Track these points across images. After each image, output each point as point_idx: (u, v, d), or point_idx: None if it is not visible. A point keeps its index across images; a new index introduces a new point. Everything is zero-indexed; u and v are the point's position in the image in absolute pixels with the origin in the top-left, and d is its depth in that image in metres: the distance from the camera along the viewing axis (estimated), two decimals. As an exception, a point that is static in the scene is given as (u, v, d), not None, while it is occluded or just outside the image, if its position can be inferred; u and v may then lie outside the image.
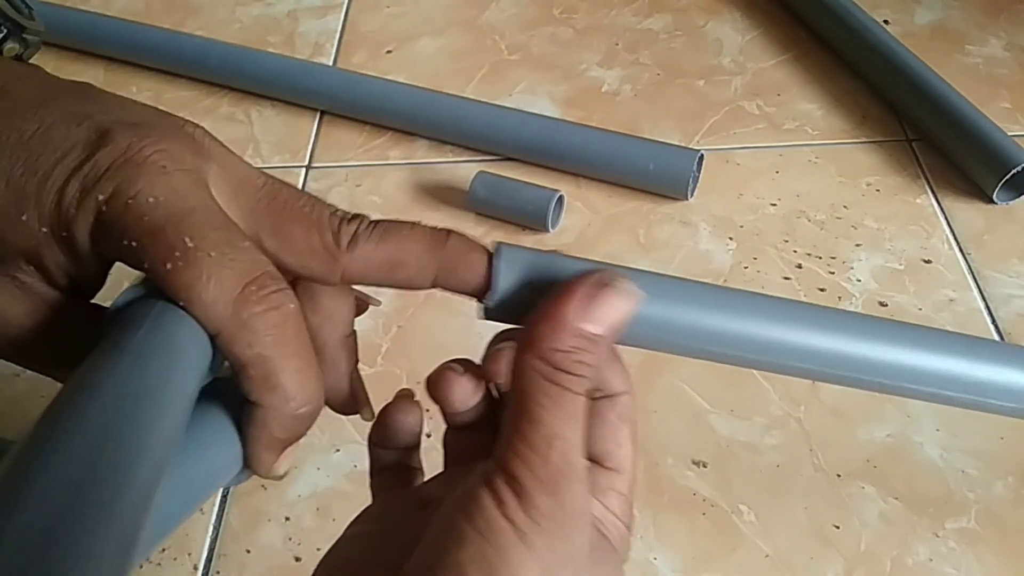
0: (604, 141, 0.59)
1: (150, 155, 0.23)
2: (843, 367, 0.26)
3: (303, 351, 0.24)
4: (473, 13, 0.76)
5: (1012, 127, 0.60)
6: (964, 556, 0.41)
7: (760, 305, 0.26)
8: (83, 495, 0.18)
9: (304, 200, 0.25)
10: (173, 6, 0.79)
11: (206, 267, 0.22)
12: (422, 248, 0.25)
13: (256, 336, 0.22)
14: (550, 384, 0.21)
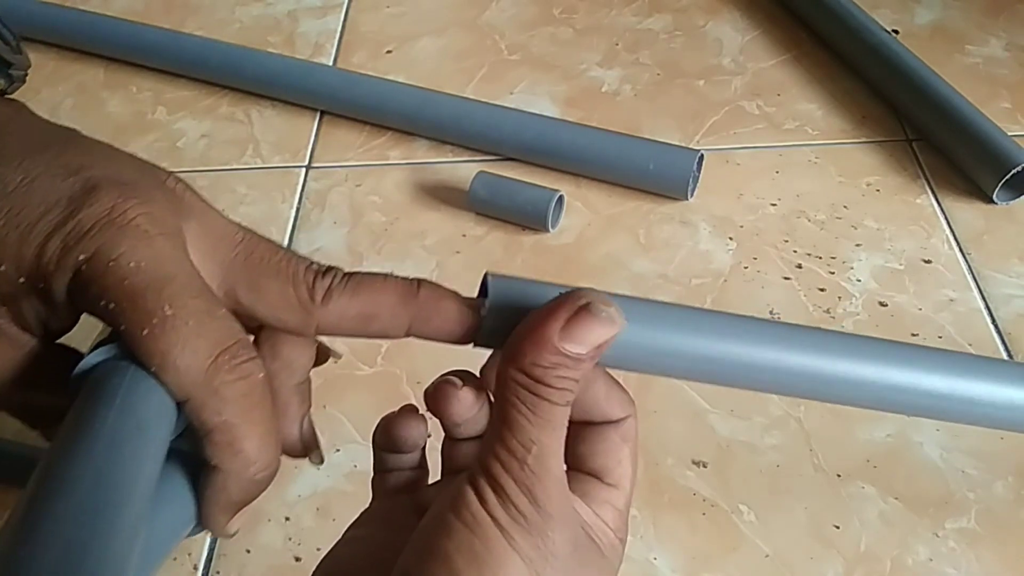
0: (604, 141, 0.59)
1: (134, 218, 0.23)
2: (825, 386, 0.27)
3: (267, 418, 0.24)
4: (473, 13, 0.76)
5: (1012, 127, 0.60)
6: (964, 556, 0.41)
7: (742, 327, 0.26)
8: (74, 561, 0.19)
9: (280, 255, 0.26)
10: (173, 6, 0.79)
11: (182, 335, 0.22)
12: (394, 300, 0.25)
13: (225, 404, 0.23)
14: (529, 395, 0.22)
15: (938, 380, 0.28)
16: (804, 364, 0.27)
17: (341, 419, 0.48)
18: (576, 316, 0.23)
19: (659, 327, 0.26)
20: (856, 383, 0.27)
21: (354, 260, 0.56)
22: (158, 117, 0.68)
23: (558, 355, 0.22)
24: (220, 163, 0.64)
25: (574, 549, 0.23)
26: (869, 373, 0.27)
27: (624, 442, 0.26)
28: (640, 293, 0.53)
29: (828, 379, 0.27)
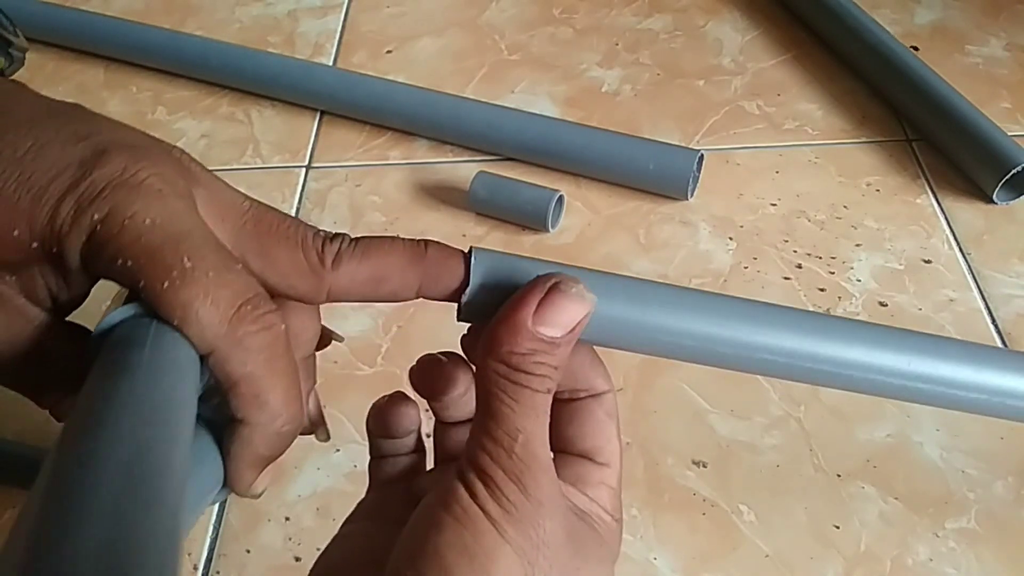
0: (604, 141, 0.59)
1: (146, 178, 0.23)
2: (803, 362, 0.27)
3: (290, 370, 0.24)
4: (473, 13, 0.76)
5: (1012, 127, 0.60)
6: (964, 556, 0.41)
7: (718, 303, 0.27)
8: (130, 502, 0.18)
9: (288, 222, 0.26)
10: (173, 6, 0.79)
11: (203, 287, 0.22)
12: (404, 260, 0.26)
13: (249, 355, 0.23)
14: (510, 383, 0.23)
15: (912, 361, 0.29)
16: (779, 342, 0.27)
17: (341, 419, 0.48)
18: (547, 299, 0.23)
19: (632, 302, 0.26)
20: (829, 361, 0.27)
21: (354, 260, 0.56)
22: (158, 117, 0.68)
23: (534, 340, 0.23)
24: (220, 163, 0.64)
25: (568, 537, 0.23)
26: (843, 352, 0.27)
27: (610, 418, 0.27)
28: (640, 293, 0.53)
29: (802, 357, 0.27)
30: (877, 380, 0.28)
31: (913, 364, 0.28)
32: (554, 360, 0.23)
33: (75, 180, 0.23)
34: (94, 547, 0.17)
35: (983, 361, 0.30)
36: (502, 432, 0.22)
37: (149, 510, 0.18)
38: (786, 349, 0.27)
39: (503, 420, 0.23)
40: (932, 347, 0.30)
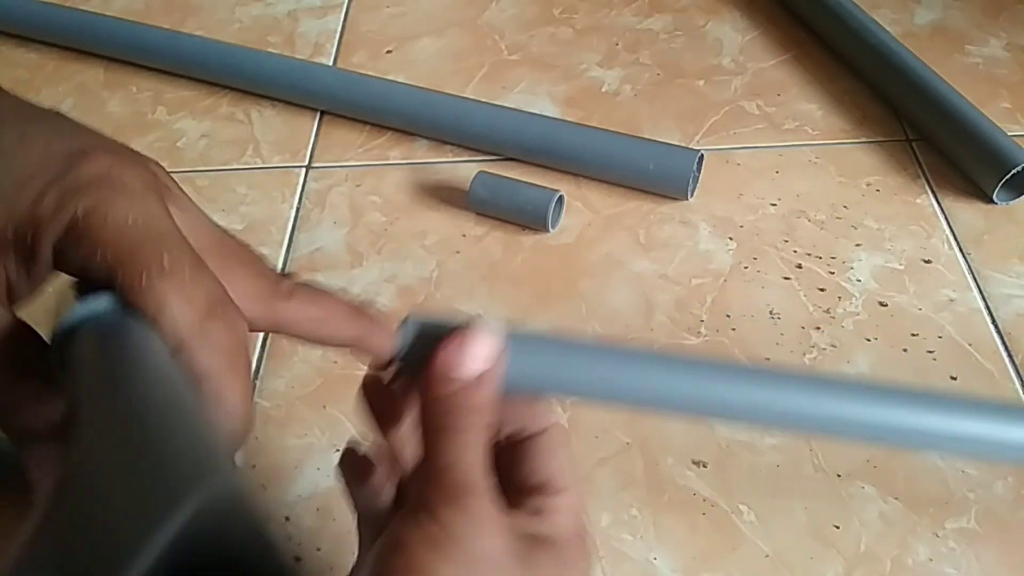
0: (604, 141, 0.59)
1: (129, 180, 0.24)
2: (709, 409, 0.31)
3: (248, 372, 0.25)
4: (473, 13, 0.76)
5: (1012, 127, 0.60)
6: (964, 556, 0.41)
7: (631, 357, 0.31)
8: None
9: (249, 250, 0.27)
10: (173, 6, 0.79)
11: (180, 283, 0.23)
12: (347, 312, 0.28)
13: (215, 352, 0.23)
14: (443, 422, 0.26)
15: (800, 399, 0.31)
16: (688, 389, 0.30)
17: (341, 419, 0.48)
18: (459, 344, 0.27)
19: (550, 356, 0.30)
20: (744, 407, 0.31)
21: (354, 260, 0.56)
22: (158, 117, 0.68)
23: (454, 382, 0.27)
24: (220, 163, 0.64)
25: (515, 556, 0.25)
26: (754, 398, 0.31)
27: (556, 450, 0.29)
28: (640, 293, 0.53)
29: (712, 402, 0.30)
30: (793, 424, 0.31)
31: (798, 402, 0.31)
32: (475, 398, 0.27)
33: (60, 173, 0.23)
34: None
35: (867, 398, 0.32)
36: (438, 467, 0.25)
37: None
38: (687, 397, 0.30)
39: (438, 456, 0.26)
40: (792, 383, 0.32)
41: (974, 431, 0.32)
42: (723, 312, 0.52)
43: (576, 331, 0.50)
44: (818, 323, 0.50)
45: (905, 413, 0.31)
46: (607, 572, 0.42)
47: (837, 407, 0.31)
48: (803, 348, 0.49)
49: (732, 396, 0.30)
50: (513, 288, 0.54)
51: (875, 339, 0.50)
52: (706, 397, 0.30)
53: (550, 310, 0.53)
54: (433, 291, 0.54)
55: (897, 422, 0.31)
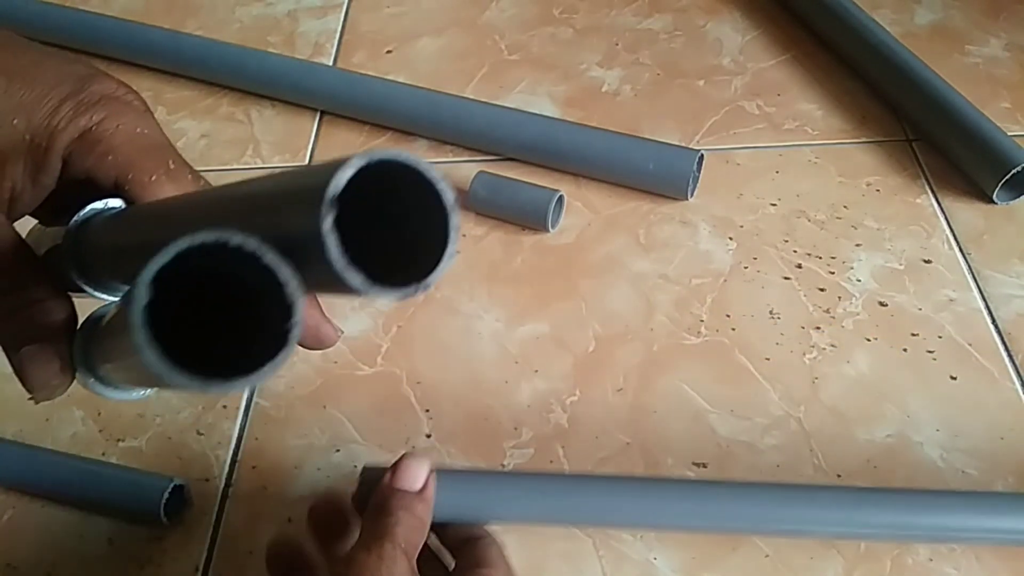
0: (604, 141, 0.59)
1: (133, 99, 0.28)
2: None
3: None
4: (473, 13, 0.76)
5: (1012, 127, 0.60)
6: (964, 556, 0.41)
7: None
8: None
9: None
10: (173, 6, 0.79)
11: (184, 183, 0.27)
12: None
13: None
14: (379, 528, 0.32)
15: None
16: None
17: (341, 419, 0.48)
18: (398, 464, 0.34)
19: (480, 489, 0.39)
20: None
21: (354, 260, 0.56)
22: (158, 117, 0.68)
23: (391, 491, 0.33)
24: (220, 163, 0.64)
25: None
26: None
27: (491, 545, 0.36)
28: (640, 293, 0.53)
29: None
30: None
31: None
32: (412, 510, 0.33)
33: (75, 89, 0.26)
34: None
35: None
36: (371, 556, 0.31)
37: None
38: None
39: (371, 548, 0.31)
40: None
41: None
42: (723, 312, 0.52)
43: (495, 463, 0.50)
44: (818, 323, 0.50)
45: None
46: (607, 572, 0.42)
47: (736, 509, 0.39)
48: (803, 348, 0.49)
49: (627, 511, 0.39)
50: (513, 288, 0.54)
51: (875, 339, 0.50)
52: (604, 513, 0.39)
53: (550, 310, 0.53)
54: (433, 291, 0.54)
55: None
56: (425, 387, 0.49)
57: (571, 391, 0.49)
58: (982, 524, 0.38)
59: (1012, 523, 0.38)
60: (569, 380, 0.49)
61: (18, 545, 0.44)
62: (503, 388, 0.49)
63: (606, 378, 0.49)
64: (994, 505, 0.39)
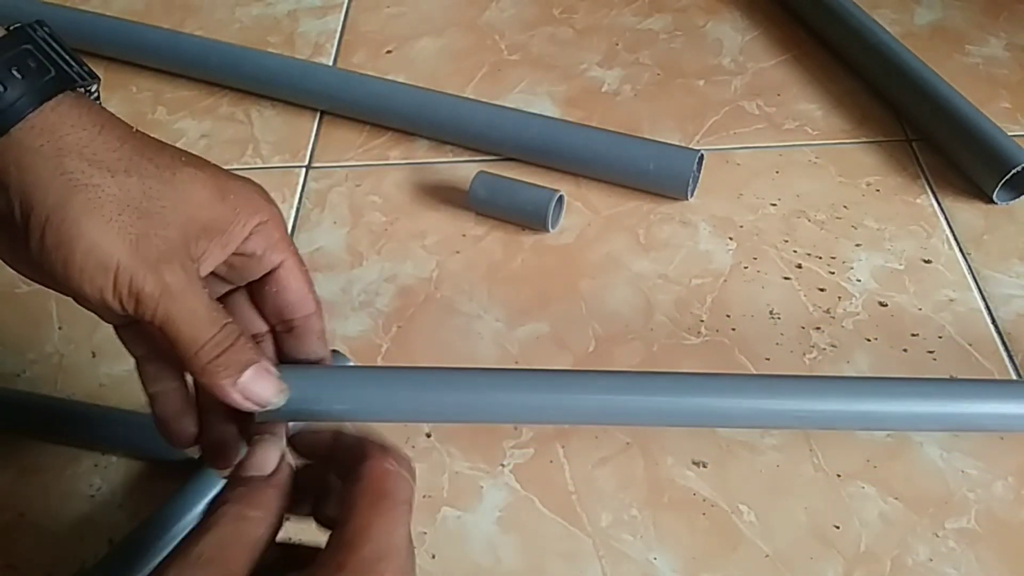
0: (604, 141, 0.59)
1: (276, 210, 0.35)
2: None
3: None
4: (473, 13, 0.76)
5: (1012, 127, 0.60)
6: (964, 556, 0.41)
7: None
8: None
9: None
10: (173, 6, 0.79)
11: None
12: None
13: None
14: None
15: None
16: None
17: (341, 419, 0.48)
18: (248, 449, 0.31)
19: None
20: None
21: (354, 260, 0.56)
22: (158, 117, 0.68)
23: (235, 480, 0.29)
24: (220, 163, 0.63)
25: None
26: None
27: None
28: (640, 293, 0.53)
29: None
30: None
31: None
32: (251, 500, 0.29)
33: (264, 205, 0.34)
34: None
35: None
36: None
37: None
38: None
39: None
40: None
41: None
42: (723, 312, 0.52)
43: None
44: (818, 323, 0.50)
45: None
46: (607, 572, 0.42)
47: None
48: (803, 348, 0.49)
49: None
50: (513, 288, 0.54)
51: (875, 339, 0.50)
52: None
53: (550, 310, 0.53)
54: (433, 291, 0.54)
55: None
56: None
57: (571, 391, 0.49)
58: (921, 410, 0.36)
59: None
60: (569, 380, 0.49)
61: (18, 545, 0.44)
62: (503, 388, 0.49)
63: (606, 378, 0.49)
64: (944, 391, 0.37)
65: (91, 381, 0.51)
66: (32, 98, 0.28)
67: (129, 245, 0.28)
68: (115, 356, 0.52)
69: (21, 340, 0.53)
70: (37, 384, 0.51)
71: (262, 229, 0.32)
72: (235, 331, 0.30)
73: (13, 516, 0.46)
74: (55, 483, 0.47)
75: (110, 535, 0.44)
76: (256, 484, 0.28)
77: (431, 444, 0.47)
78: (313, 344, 0.35)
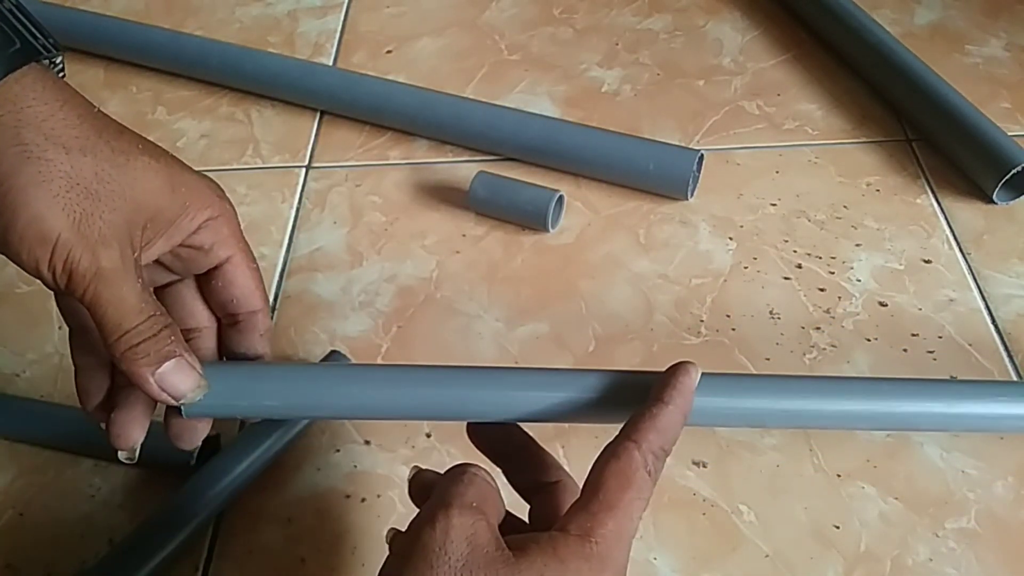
0: (604, 141, 0.59)
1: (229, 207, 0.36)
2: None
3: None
4: (473, 13, 0.76)
5: (1012, 127, 0.60)
6: (964, 556, 0.41)
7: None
8: None
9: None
10: (173, 6, 0.79)
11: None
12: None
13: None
14: (442, 496, 0.29)
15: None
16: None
17: (342, 419, 0.48)
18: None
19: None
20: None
21: (354, 260, 0.56)
22: (158, 117, 0.68)
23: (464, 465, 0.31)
24: (220, 163, 0.64)
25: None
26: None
27: (563, 492, 0.34)
28: (640, 293, 0.53)
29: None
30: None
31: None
32: (481, 474, 0.31)
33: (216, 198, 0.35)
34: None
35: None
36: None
37: None
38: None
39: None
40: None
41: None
42: (723, 312, 0.52)
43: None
44: (818, 323, 0.50)
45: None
46: (607, 572, 0.42)
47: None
48: (803, 348, 0.49)
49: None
50: (513, 288, 0.54)
51: (875, 339, 0.50)
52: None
53: (550, 310, 0.53)
54: (433, 291, 0.54)
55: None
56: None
57: (571, 391, 0.49)
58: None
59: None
60: (569, 380, 0.49)
61: (18, 545, 0.44)
62: (503, 388, 0.49)
63: (606, 378, 0.49)
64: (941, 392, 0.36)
65: (91, 381, 0.51)
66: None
67: (72, 222, 0.28)
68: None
69: (21, 340, 0.53)
70: (37, 384, 0.51)
71: (211, 224, 0.33)
72: (161, 322, 0.30)
73: (13, 516, 0.46)
74: (55, 483, 0.47)
75: (110, 535, 0.44)
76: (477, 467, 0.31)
77: (431, 444, 0.47)
78: (255, 341, 0.35)
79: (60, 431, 0.48)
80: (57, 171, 0.28)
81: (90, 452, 0.48)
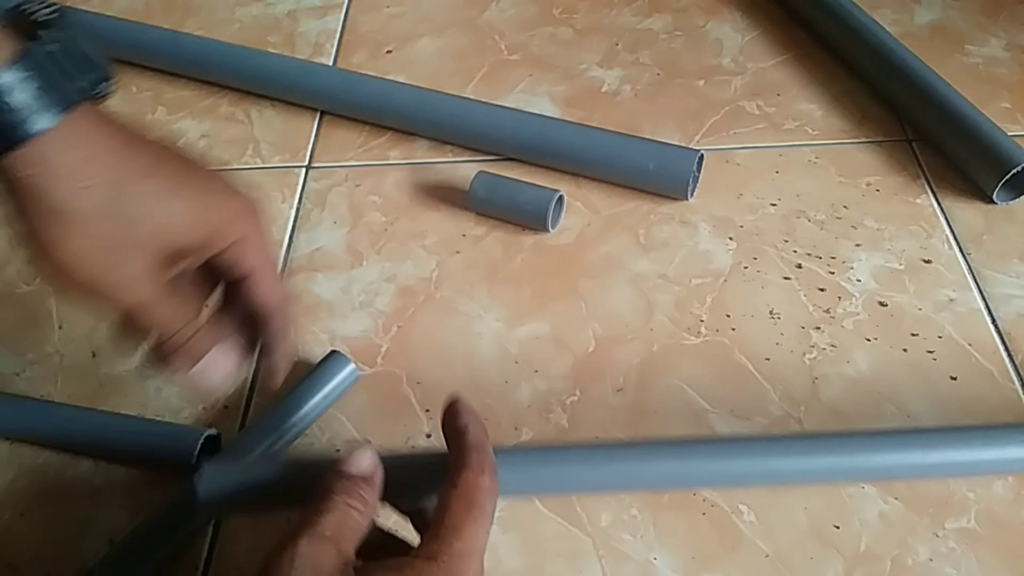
0: (604, 141, 0.59)
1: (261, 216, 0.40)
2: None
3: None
4: (473, 13, 0.76)
5: (1012, 127, 0.60)
6: (964, 556, 0.41)
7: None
8: None
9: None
10: (173, 6, 0.79)
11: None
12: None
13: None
14: (302, 520, 0.30)
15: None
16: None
17: (341, 419, 0.48)
18: (347, 455, 0.34)
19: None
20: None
21: (354, 260, 0.56)
22: (158, 117, 0.68)
23: (336, 474, 0.32)
24: (220, 163, 0.64)
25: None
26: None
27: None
28: (640, 293, 0.53)
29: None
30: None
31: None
32: (352, 492, 0.31)
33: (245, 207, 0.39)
34: None
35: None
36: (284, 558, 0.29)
37: None
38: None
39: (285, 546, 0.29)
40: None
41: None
42: (723, 312, 0.52)
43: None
44: (818, 323, 0.50)
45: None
46: (607, 572, 0.42)
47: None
48: (803, 348, 0.49)
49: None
50: (513, 288, 0.54)
51: (875, 339, 0.50)
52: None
53: (550, 310, 0.53)
54: (433, 291, 0.54)
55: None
56: (425, 387, 0.49)
57: (571, 391, 0.49)
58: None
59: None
60: (569, 380, 0.49)
61: (18, 545, 0.44)
62: (503, 388, 0.49)
63: (606, 378, 0.49)
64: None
65: (91, 381, 0.51)
66: (64, 105, 0.29)
67: (101, 271, 0.31)
68: (115, 356, 0.52)
69: (21, 340, 0.53)
70: (37, 384, 0.51)
71: (238, 244, 0.35)
72: (193, 327, 0.35)
73: (13, 516, 0.46)
74: (55, 483, 0.47)
75: (110, 535, 0.44)
76: (356, 481, 0.32)
77: (431, 444, 0.47)
78: (274, 337, 0.38)
79: (60, 431, 0.48)
80: (81, 231, 0.30)
81: (90, 452, 0.48)
